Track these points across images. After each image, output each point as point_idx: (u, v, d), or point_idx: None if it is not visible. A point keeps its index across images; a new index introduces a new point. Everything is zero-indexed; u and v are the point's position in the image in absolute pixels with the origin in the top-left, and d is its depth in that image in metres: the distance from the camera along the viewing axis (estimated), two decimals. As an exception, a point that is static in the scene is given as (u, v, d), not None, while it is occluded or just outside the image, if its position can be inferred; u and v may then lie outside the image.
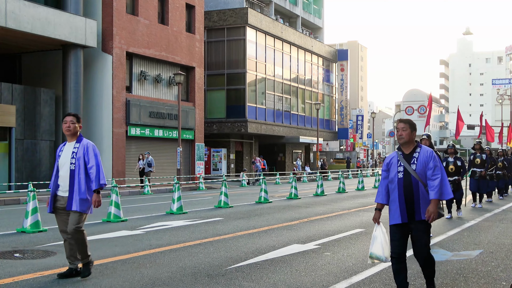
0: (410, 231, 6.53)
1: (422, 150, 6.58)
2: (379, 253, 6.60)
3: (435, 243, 10.98)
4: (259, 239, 11.45)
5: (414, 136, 6.64)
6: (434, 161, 6.47)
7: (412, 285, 7.42)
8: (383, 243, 6.60)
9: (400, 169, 6.54)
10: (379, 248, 6.60)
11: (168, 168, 34.79)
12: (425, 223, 6.44)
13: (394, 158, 6.70)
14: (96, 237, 11.80)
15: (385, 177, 6.72)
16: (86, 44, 28.70)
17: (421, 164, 6.47)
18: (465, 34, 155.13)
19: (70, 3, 28.47)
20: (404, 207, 6.43)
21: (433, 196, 6.35)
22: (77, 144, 7.76)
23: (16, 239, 11.64)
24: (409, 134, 6.58)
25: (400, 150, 6.70)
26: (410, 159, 6.55)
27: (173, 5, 35.39)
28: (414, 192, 6.43)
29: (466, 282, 7.68)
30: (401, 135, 6.60)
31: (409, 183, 6.46)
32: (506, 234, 12.42)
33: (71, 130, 7.74)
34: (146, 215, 16.50)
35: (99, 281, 7.64)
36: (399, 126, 6.67)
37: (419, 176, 6.45)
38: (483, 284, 7.58)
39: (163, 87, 35.25)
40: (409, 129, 6.59)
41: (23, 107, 27.33)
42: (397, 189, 6.50)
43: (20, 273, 8.09)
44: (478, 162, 18.58)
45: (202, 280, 7.73)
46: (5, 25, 24.66)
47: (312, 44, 55.64)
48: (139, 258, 9.32)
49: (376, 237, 6.66)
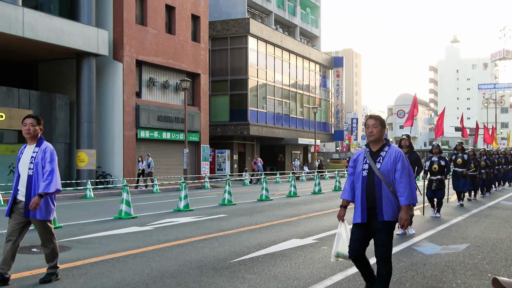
0: (372, 232, 5.92)
1: (390, 149, 5.96)
2: (345, 251, 6.13)
3: (425, 238, 10.97)
4: (260, 234, 11.45)
5: (384, 134, 6.05)
6: (402, 162, 5.87)
7: (404, 277, 7.43)
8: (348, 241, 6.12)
9: (365, 167, 5.95)
10: (345, 247, 6.11)
11: (175, 168, 34.81)
12: (387, 223, 5.82)
13: (361, 155, 6.11)
14: (108, 233, 11.81)
15: (351, 173, 6.12)
16: (99, 53, 28.74)
17: (387, 163, 5.86)
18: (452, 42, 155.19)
19: (83, 14, 28.52)
20: (365, 207, 5.86)
21: (404, 202, 5.75)
22: (37, 148, 6.99)
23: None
24: (380, 131, 5.96)
25: (368, 147, 6.09)
26: (376, 157, 5.95)
27: (180, 16, 35.41)
28: (377, 192, 5.82)
29: (454, 274, 7.68)
30: (371, 132, 5.98)
31: (372, 182, 5.86)
32: (492, 229, 12.42)
33: (31, 133, 6.98)
34: (155, 212, 16.51)
35: (111, 274, 7.65)
36: (369, 123, 6.02)
37: (383, 175, 5.83)
38: (470, 276, 7.57)
39: (171, 93, 35.26)
40: (380, 126, 5.96)
41: (39, 111, 27.34)
42: (360, 188, 5.92)
43: (38, 267, 8.09)
44: (460, 162, 18.15)
45: (207, 272, 7.74)
46: (22, 35, 24.71)
47: (309, 52, 55.64)
48: (148, 253, 9.33)
49: (341, 235, 6.18)
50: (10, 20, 24.14)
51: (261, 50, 46.00)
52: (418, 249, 9.69)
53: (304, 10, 60.50)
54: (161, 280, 7.30)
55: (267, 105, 46.66)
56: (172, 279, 7.33)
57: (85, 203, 21.24)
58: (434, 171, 14.83)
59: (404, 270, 7.86)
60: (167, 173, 33.89)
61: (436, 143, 15.58)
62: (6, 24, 24.00)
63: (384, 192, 5.80)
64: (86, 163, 28.41)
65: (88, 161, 28.43)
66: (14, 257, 7.00)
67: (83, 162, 28.40)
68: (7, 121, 25.13)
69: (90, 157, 28.53)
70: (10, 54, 28.67)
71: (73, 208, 18.87)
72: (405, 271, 7.76)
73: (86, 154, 28.43)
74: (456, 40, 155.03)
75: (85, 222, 13.92)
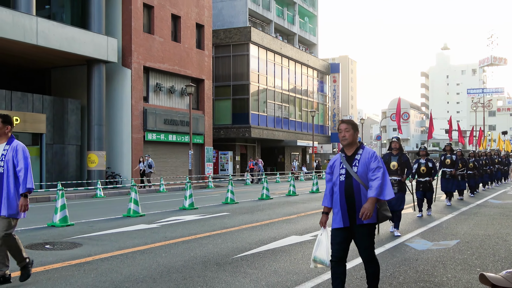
0: (353, 234, 5.73)
1: (364, 152, 5.71)
2: (323, 257, 5.84)
3: (417, 234, 10.97)
4: (261, 231, 11.45)
5: (357, 137, 5.80)
6: (376, 161, 5.62)
7: (397, 271, 7.43)
8: (328, 247, 5.82)
9: (342, 172, 5.70)
10: (324, 253, 5.83)
11: (180, 169, 34.81)
12: (367, 226, 5.63)
13: (337, 160, 5.85)
14: (117, 230, 11.82)
15: (329, 179, 5.87)
16: (108, 60, 28.77)
17: (363, 166, 5.63)
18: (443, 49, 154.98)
19: (94, 23, 28.54)
20: (346, 211, 5.63)
21: (371, 194, 5.49)
22: (7, 146, 6.67)
23: (46, 232, 11.65)
24: (352, 135, 5.74)
25: (343, 152, 5.84)
26: (352, 161, 5.70)
27: (185, 24, 35.44)
28: (355, 196, 5.59)
29: (445, 268, 7.68)
30: (344, 136, 5.75)
31: (350, 186, 5.61)
32: (480, 226, 12.41)
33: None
34: (162, 211, 16.51)
35: (120, 269, 7.65)
36: (341, 127, 5.79)
37: (360, 178, 5.60)
38: (460, 270, 7.57)
39: (176, 97, 35.26)
40: (352, 129, 5.74)
41: (52, 115, 27.38)
42: (338, 192, 5.67)
43: (51, 263, 8.10)
44: (449, 162, 17.69)
45: (211, 267, 7.74)
46: (36, 43, 24.75)
47: (307, 59, 55.62)
48: (155, 249, 9.33)
49: (321, 241, 5.89)
50: (25, 29, 24.17)
51: (261, 57, 46.00)
52: (411, 245, 9.69)
53: (302, 19, 60.50)
54: (167, 274, 7.30)
55: (267, 109, 46.65)
56: (178, 274, 7.33)
57: (96, 202, 21.25)
58: (422, 173, 14.56)
59: (397, 265, 7.86)
60: (173, 174, 33.89)
61: (423, 146, 15.36)
62: (21, 33, 24.03)
63: (363, 195, 5.58)
64: (97, 164, 28.42)
65: (98, 162, 28.44)
66: (6, 257, 6.71)
67: (93, 163, 28.41)
68: (21, 124, 25.15)
69: (100, 158, 28.54)
70: (24, 61, 28.72)
71: (84, 206, 18.87)
72: (399, 266, 7.76)
73: (96, 155, 28.44)
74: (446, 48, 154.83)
75: (96, 220, 13.93)
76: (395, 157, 11.37)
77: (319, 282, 6.86)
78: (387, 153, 11.74)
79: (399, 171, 11.23)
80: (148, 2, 32.07)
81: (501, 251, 9.16)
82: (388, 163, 11.28)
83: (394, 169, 11.23)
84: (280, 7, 55.40)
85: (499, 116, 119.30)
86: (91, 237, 10.84)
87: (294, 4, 58.01)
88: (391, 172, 11.13)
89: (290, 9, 57.81)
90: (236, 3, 47.42)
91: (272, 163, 52.44)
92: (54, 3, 31.08)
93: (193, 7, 36.33)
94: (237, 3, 47.38)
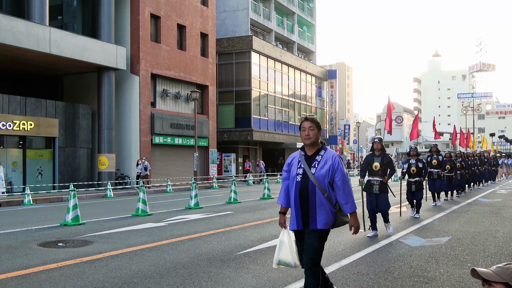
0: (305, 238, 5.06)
1: (326, 154, 5.07)
2: (287, 259, 5.13)
3: (411, 231, 10.94)
4: (263, 229, 11.43)
5: (319, 137, 5.14)
6: (341, 168, 5.00)
7: (392, 267, 7.41)
8: (291, 248, 5.12)
9: (299, 172, 5.05)
10: (287, 254, 5.11)
11: (186, 170, 34.79)
12: (320, 232, 4.97)
13: (295, 158, 5.18)
14: (127, 228, 11.81)
15: (286, 178, 5.24)
16: (117, 67, 28.79)
17: (322, 168, 4.97)
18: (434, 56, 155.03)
19: (104, 33, 28.57)
20: (300, 213, 5.00)
21: (350, 210, 4.96)
22: None
23: (59, 231, 11.65)
24: (316, 134, 5.08)
25: (304, 150, 5.17)
26: (311, 162, 5.04)
27: (190, 34, 35.46)
28: (310, 198, 4.94)
29: (437, 264, 7.65)
30: (308, 135, 5.07)
31: (306, 188, 4.97)
32: (471, 223, 12.38)
33: None
34: (168, 210, 16.50)
35: (129, 265, 7.64)
36: (305, 125, 5.12)
37: (317, 181, 4.93)
38: (452, 265, 7.55)
39: (182, 103, 35.27)
40: (316, 129, 5.09)
41: (64, 120, 27.39)
42: (293, 193, 5.04)
43: (63, 260, 8.10)
44: (435, 163, 17.00)
45: (215, 264, 7.73)
46: (49, 52, 24.79)
47: (306, 66, 55.62)
48: (162, 246, 9.32)
49: (283, 242, 5.15)
50: (38, 39, 24.21)
51: (262, 64, 46.00)
52: (405, 241, 9.66)
53: (301, 28, 60.52)
54: (174, 270, 7.29)
55: (268, 113, 46.63)
56: (184, 270, 7.32)
57: (106, 202, 21.25)
58: (413, 173, 14.05)
59: (392, 260, 7.84)
60: (179, 175, 33.88)
61: (414, 146, 14.83)
62: (35, 42, 24.07)
63: (318, 198, 4.93)
64: (107, 166, 28.43)
65: (108, 164, 28.44)
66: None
67: (103, 165, 28.42)
68: (35, 128, 25.17)
69: (110, 161, 28.54)
70: (38, 68, 28.75)
71: (95, 206, 18.87)
72: (393, 262, 7.74)
73: (106, 158, 28.44)
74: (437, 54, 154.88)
75: (106, 219, 13.92)
76: (378, 158, 10.78)
77: (318, 277, 6.83)
78: (369, 153, 11.17)
79: (380, 172, 10.65)
80: (155, 13, 32.11)
81: (491, 247, 9.13)
82: (371, 164, 10.74)
83: (376, 170, 10.66)
84: (280, 17, 55.43)
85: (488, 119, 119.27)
86: (102, 235, 10.83)
87: (293, 14, 58.05)
88: (373, 173, 10.70)
89: (289, 19, 57.85)
90: (239, 14, 47.48)
91: (273, 165, 52.41)
92: (66, 14, 31.12)
93: (197, 17, 36.37)
94: (239, 13, 47.44)
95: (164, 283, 6.56)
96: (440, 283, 6.52)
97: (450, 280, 6.70)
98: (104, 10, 28.60)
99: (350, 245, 9.30)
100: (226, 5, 47.77)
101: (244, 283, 6.56)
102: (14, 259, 8.24)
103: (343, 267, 7.40)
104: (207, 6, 37.74)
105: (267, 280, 6.73)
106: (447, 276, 6.89)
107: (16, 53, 24.59)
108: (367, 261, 7.83)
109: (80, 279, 6.81)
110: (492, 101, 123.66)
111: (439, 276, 6.89)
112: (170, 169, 33.42)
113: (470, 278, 6.69)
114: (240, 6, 47.31)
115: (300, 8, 59.65)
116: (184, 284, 6.53)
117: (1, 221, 13.97)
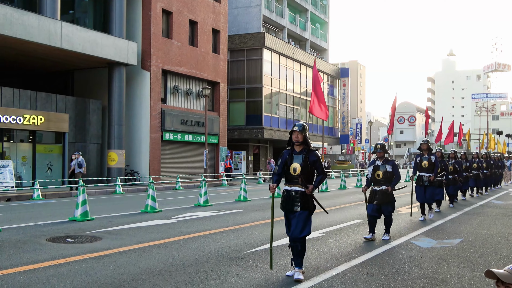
0: None
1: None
2: None
3: (422, 233, 10.91)
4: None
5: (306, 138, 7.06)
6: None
7: (402, 268, 7.39)
8: None
9: None
10: None
11: (196, 168, 34.86)
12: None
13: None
14: (136, 225, 11.86)
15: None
16: (128, 63, 28.87)
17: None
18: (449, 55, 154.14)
19: (115, 28, 28.66)
20: None
21: None
22: None
23: (68, 226, 11.72)
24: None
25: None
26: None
27: (201, 30, 35.49)
28: None
29: (448, 265, 7.63)
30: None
31: None
32: (483, 225, 12.32)
33: None
34: (178, 207, 16.55)
35: (138, 262, 7.68)
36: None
37: None
38: (463, 268, 7.52)
39: (193, 99, 35.33)
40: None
41: (75, 115, 27.53)
42: None
43: (72, 255, 8.15)
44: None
45: (224, 262, 7.75)
46: (60, 46, 24.90)
47: (318, 63, 55.48)
48: (171, 243, 9.36)
49: None
50: (49, 33, 24.33)
51: (274, 61, 45.98)
52: (416, 243, 9.64)
53: (314, 25, 60.42)
54: (182, 268, 7.32)
55: (279, 111, 46.62)
56: (192, 268, 7.35)
57: (115, 198, 21.34)
58: (424, 167, 13.40)
59: (402, 262, 7.82)
60: (188, 172, 33.94)
61: (426, 138, 13.84)
62: (46, 36, 24.19)
63: None
64: (116, 162, 28.54)
65: (118, 160, 28.55)
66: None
67: (113, 161, 28.53)
68: (46, 123, 25.31)
69: (120, 157, 28.65)
70: (49, 63, 28.89)
71: (104, 202, 18.97)
72: (404, 263, 7.73)
73: (116, 154, 28.55)
74: (452, 54, 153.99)
75: (115, 215, 13.99)
76: (383, 166, 10.26)
77: (327, 277, 6.84)
78: (373, 160, 10.59)
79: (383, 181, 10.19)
80: (167, 8, 32.16)
81: (503, 250, 9.09)
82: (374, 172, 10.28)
83: (379, 179, 10.19)
84: (293, 14, 55.37)
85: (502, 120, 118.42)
86: (110, 231, 10.89)
87: (306, 11, 57.98)
88: (378, 182, 10.21)
89: (302, 16, 57.77)
90: (251, 10, 47.48)
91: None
92: (78, 8, 31.25)
93: (209, 13, 36.39)
94: (252, 10, 47.44)
95: (172, 280, 6.59)
96: (451, 285, 6.50)
97: (461, 282, 6.68)
98: (116, 5, 28.68)
99: (360, 246, 9.29)
100: (239, 1, 47.78)
101: (253, 282, 6.58)
102: (23, 253, 8.30)
103: (353, 268, 7.40)
104: (219, 2, 37.74)
105: (276, 279, 6.74)
106: (458, 278, 6.86)
107: (27, 47, 24.73)
108: (377, 262, 7.82)
109: (88, 275, 6.86)
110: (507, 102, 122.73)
111: (450, 278, 6.86)
112: (180, 166, 33.49)
113: (481, 281, 6.66)
114: (253, 2, 47.30)
115: (314, 5, 59.55)
116: (192, 281, 6.56)
117: (11, 215, 14.08)
